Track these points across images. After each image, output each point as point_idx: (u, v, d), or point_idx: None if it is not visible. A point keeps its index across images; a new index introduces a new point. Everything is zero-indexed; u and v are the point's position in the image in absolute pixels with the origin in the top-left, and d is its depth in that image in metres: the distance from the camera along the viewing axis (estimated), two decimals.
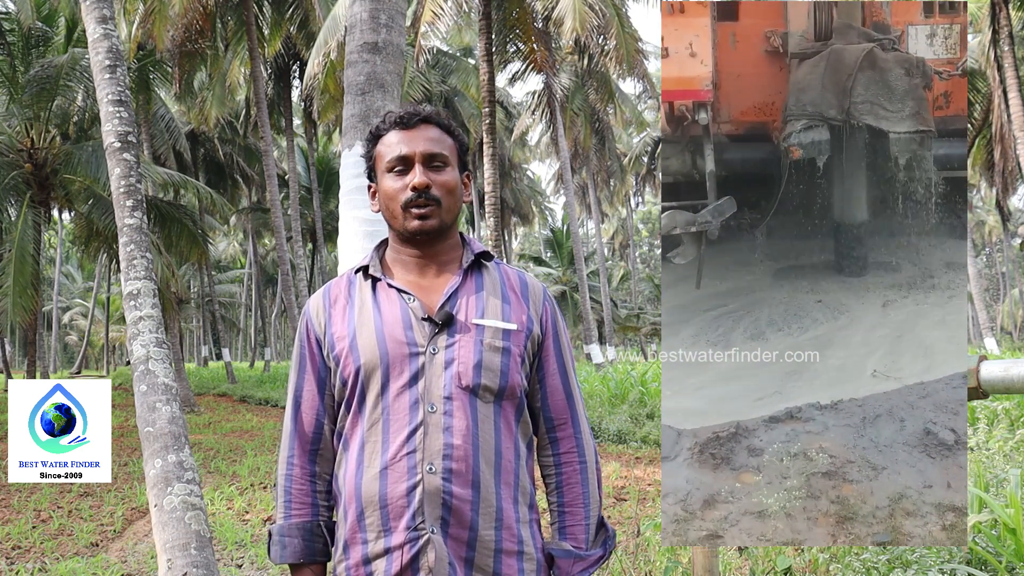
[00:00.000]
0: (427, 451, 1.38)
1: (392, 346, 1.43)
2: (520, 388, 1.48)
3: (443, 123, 1.53)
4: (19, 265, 12.67)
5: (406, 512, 1.38)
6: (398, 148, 1.48)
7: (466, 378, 1.41)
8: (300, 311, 15.81)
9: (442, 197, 1.47)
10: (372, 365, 1.43)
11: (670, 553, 4.38)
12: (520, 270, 1.59)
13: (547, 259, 42.70)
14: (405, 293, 1.47)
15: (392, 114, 1.52)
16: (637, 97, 32.32)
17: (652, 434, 10.08)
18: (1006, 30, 15.99)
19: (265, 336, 42.49)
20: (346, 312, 1.50)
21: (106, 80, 4.21)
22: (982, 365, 1.75)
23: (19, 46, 14.95)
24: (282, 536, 1.48)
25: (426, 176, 1.46)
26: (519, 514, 1.45)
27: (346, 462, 1.46)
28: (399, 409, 1.41)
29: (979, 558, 3.72)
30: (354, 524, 1.42)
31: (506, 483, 1.43)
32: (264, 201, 27.57)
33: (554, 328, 1.55)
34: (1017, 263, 49.47)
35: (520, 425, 1.49)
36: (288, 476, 1.50)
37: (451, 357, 1.42)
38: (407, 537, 1.38)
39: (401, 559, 1.38)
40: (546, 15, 15.77)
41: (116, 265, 18.77)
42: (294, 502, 1.49)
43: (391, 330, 1.44)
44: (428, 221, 1.46)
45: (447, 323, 1.44)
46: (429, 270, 1.52)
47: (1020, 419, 7.69)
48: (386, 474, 1.39)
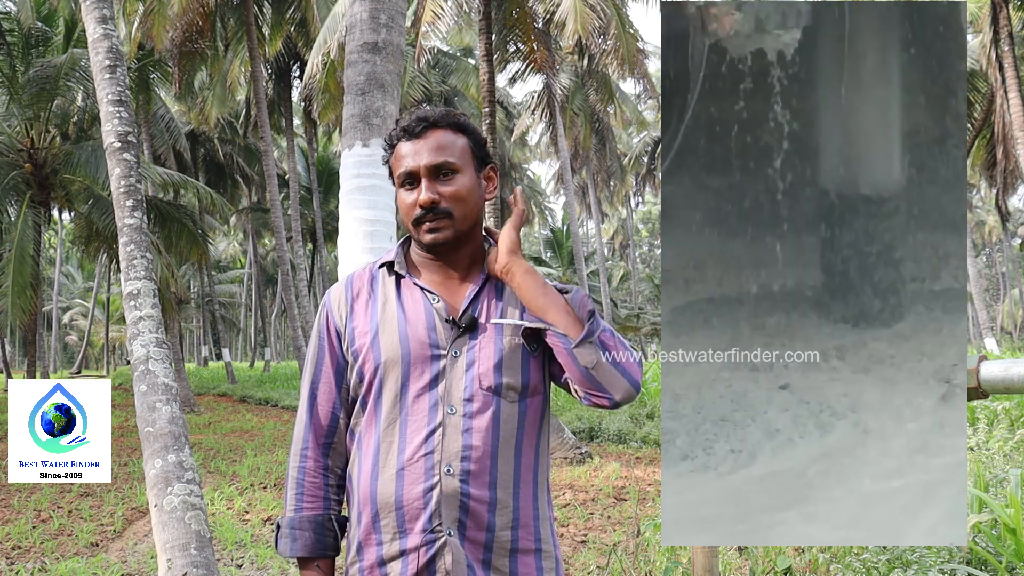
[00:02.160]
0: (445, 453, 1.38)
1: (415, 346, 1.42)
2: (543, 384, 1.47)
3: (453, 123, 1.48)
4: (19, 265, 12.67)
5: (423, 514, 1.37)
6: (405, 163, 1.46)
7: (487, 379, 1.41)
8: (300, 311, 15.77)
9: (453, 208, 1.44)
10: (392, 364, 1.42)
11: (670, 553, 4.38)
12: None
13: (547, 259, 42.68)
14: (430, 293, 1.46)
15: (401, 121, 1.50)
16: (637, 97, 32.27)
17: (652, 434, 10.09)
18: (1006, 30, 15.98)
19: (265, 336, 42.49)
20: (369, 307, 1.48)
21: (106, 80, 4.21)
22: (982, 365, 1.75)
23: (19, 46, 14.94)
24: (292, 529, 1.46)
25: (432, 192, 1.43)
26: (538, 511, 1.45)
27: (360, 461, 1.44)
28: (418, 410, 1.40)
29: (979, 558, 3.72)
30: (368, 525, 1.41)
31: (525, 481, 1.43)
32: (264, 201, 27.56)
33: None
34: (1017, 263, 49.47)
35: (544, 420, 1.48)
36: (301, 468, 1.49)
37: (472, 359, 1.42)
38: (423, 539, 1.37)
39: (417, 561, 1.37)
40: (547, 17, 15.77)
41: (116, 265, 18.78)
42: (306, 495, 1.48)
43: (415, 330, 1.43)
44: (440, 234, 1.44)
45: (470, 327, 1.43)
46: (452, 271, 1.50)
47: (1020, 419, 7.70)
48: (403, 475, 1.38)
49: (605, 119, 28.75)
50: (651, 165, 38.85)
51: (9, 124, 14.53)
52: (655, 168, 38.48)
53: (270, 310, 47.94)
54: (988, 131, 19.61)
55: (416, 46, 15.39)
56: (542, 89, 22.02)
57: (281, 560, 5.07)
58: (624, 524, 5.73)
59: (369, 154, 3.83)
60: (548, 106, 22.06)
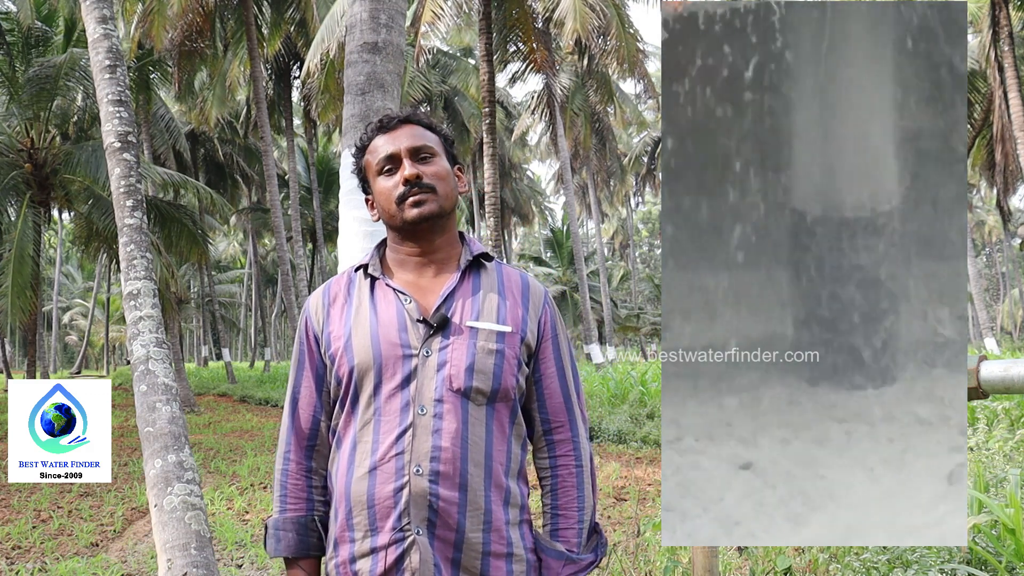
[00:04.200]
0: (415, 453, 1.39)
1: (386, 347, 1.43)
2: (514, 390, 1.47)
3: (424, 121, 1.55)
4: (19, 265, 12.67)
5: (392, 513, 1.39)
6: (384, 149, 1.50)
7: (457, 381, 1.42)
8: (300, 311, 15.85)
9: (435, 184, 1.48)
10: (365, 366, 1.43)
11: (670, 553, 4.38)
12: (522, 271, 1.59)
13: (547, 259, 42.72)
14: (402, 294, 1.48)
15: (372, 123, 1.56)
16: (637, 97, 32.28)
17: (652, 434, 10.08)
18: (1006, 30, 15.98)
19: (265, 336, 42.48)
20: (344, 311, 1.51)
21: (106, 80, 4.20)
22: (982, 365, 1.75)
23: (19, 46, 14.94)
24: (277, 530, 1.50)
25: (415, 167, 1.47)
26: (508, 516, 1.45)
27: (338, 460, 1.47)
28: (390, 411, 1.42)
29: (979, 558, 3.72)
30: (343, 523, 1.44)
31: (496, 485, 1.44)
32: (264, 201, 27.57)
33: (553, 331, 1.55)
34: (1017, 263, 49.47)
35: (514, 427, 1.49)
36: (284, 471, 1.52)
37: (444, 360, 1.43)
38: (392, 538, 1.39)
39: (385, 560, 1.39)
40: (547, 16, 15.78)
41: (116, 265, 18.78)
42: (289, 497, 1.51)
43: (386, 331, 1.45)
44: (425, 207, 1.46)
45: (442, 325, 1.44)
46: (427, 269, 1.52)
47: (1020, 419, 7.69)
48: (375, 475, 1.40)
49: (605, 119, 28.78)
50: (651, 165, 38.85)
51: (9, 124, 14.53)
52: (655, 168, 38.48)
53: (270, 310, 47.96)
54: (988, 131, 19.61)
55: (416, 46, 15.41)
56: (542, 89, 22.04)
57: (281, 561, 5.06)
58: (624, 524, 5.73)
59: None
60: (548, 106, 22.09)
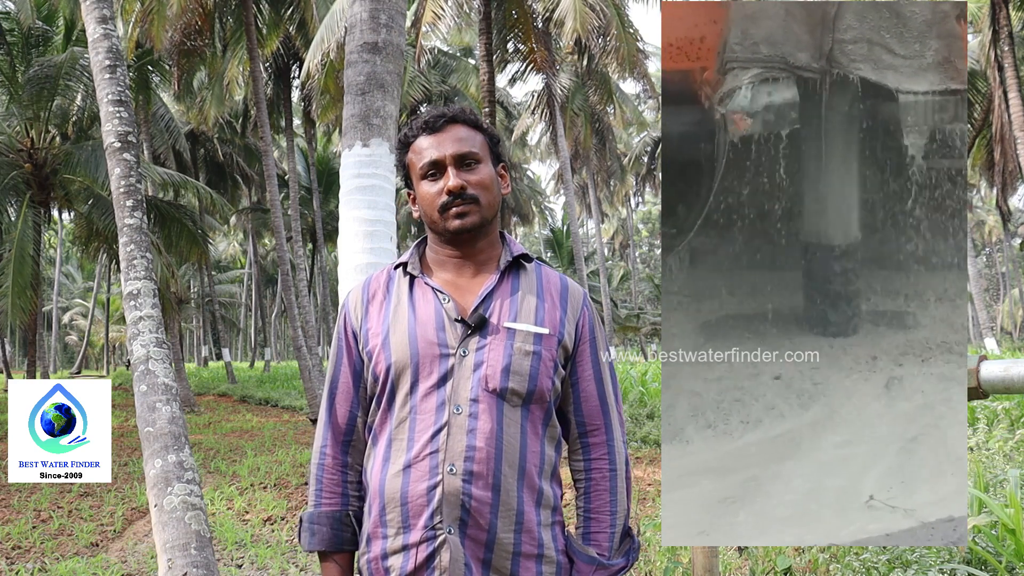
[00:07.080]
0: (449, 452, 1.39)
1: (423, 346, 1.43)
2: (549, 392, 1.47)
3: (470, 120, 1.52)
4: (19, 265, 12.67)
5: (425, 511, 1.39)
6: (428, 154, 1.48)
7: (493, 381, 1.42)
8: (300, 311, 15.72)
9: (479, 195, 1.47)
10: (402, 364, 1.44)
11: (670, 553, 4.38)
12: (561, 274, 1.58)
13: (547, 259, 42.70)
14: (440, 293, 1.47)
15: (419, 119, 1.52)
16: (637, 97, 32.33)
17: (652, 434, 10.08)
18: (1006, 30, 15.98)
19: (265, 336, 42.47)
20: (382, 308, 1.51)
21: (106, 80, 4.20)
22: (982, 365, 1.75)
23: (19, 45, 14.94)
24: (311, 523, 1.50)
25: (459, 178, 1.45)
26: (540, 517, 1.45)
27: (374, 457, 1.47)
28: (426, 409, 1.42)
29: (979, 558, 3.72)
30: (376, 519, 1.44)
31: (529, 486, 1.44)
32: (264, 201, 27.54)
33: (591, 334, 1.54)
34: (1017, 263, 49.44)
35: (548, 429, 1.49)
36: (320, 465, 1.53)
37: (480, 360, 1.42)
38: (423, 536, 1.39)
39: (416, 557, 1.39)
40: (547, 16, 15.77)
41: (116, 265, 18.76)
42: (324, 491, 1.51)
43: (423, 330, 1.45)
44: (468, 219, 1.46)
45: (480, 326, 1.44)
46: (467, 269, 1.51)
47: (1020, 419, 7.70)
48: (408, 472, 1.41)
49: (605, 119, 28.76)
50: (651, 165, 38.86)
51: (9, 124, 14.53)
52: (655, 168, 38.48)
53: (270, 310, 47.93)
54: (987, 131, 19.61)
55: (416, 46, 15.41)
56: (542, 89, 22.01)
57: (281, 560, 5.07)
58: None
59: (369, 154, 3.82)
60: (548, 106, 22.06)
